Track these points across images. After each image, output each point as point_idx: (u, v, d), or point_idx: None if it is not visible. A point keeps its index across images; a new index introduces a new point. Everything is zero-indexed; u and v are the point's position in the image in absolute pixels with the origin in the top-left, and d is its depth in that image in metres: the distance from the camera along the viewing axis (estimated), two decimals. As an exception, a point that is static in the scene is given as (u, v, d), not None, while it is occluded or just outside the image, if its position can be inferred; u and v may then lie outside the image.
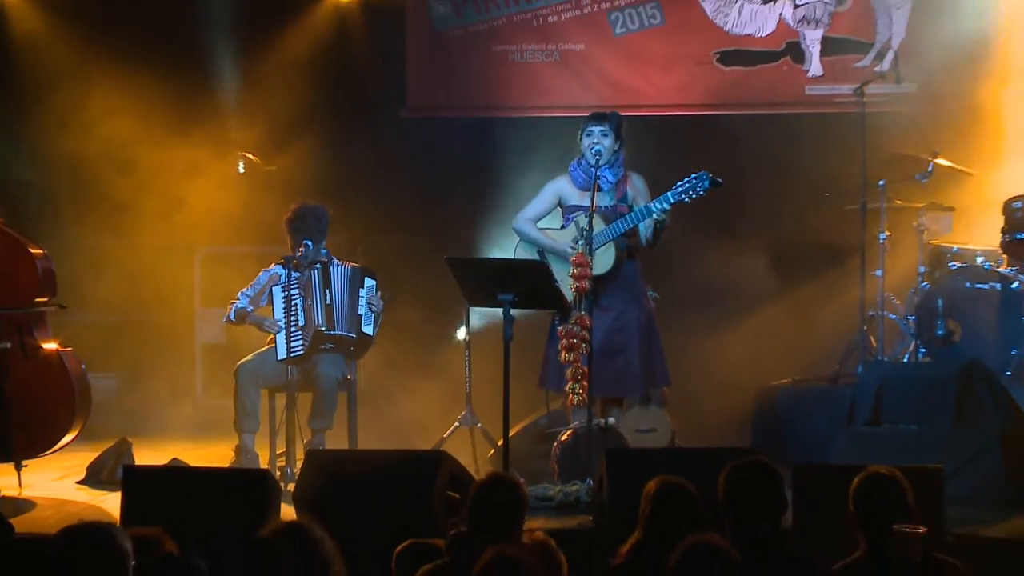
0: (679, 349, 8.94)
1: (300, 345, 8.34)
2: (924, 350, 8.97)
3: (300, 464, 7.62)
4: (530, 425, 8.56)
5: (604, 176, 8.03)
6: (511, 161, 9.80)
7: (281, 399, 8.47)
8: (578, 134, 8.14)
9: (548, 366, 8.22)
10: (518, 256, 8.29)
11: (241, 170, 10.53)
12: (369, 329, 8.52)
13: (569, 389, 8.01)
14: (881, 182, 9.30)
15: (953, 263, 9.15)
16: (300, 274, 8.38)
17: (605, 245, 8.00)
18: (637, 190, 8.16)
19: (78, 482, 8.46)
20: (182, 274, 10.65)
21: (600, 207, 7.98)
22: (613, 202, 8.11)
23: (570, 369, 7.99)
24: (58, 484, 8.38)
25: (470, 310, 8.71)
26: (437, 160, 10.68)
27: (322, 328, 8.38)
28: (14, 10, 10.69)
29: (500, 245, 8.57)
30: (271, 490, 6.97)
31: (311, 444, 8.22)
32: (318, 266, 8.43)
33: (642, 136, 8.83)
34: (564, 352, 7.98)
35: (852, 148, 9.29)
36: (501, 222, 8.50)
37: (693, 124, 10.62)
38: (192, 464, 8.13)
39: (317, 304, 8.40)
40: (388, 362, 9.19)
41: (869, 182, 9.24)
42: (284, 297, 8.37)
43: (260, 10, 10.77)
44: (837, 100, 10.39)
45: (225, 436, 8.61)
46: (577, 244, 7.97)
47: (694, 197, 7.87)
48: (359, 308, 8.49)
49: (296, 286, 8.37)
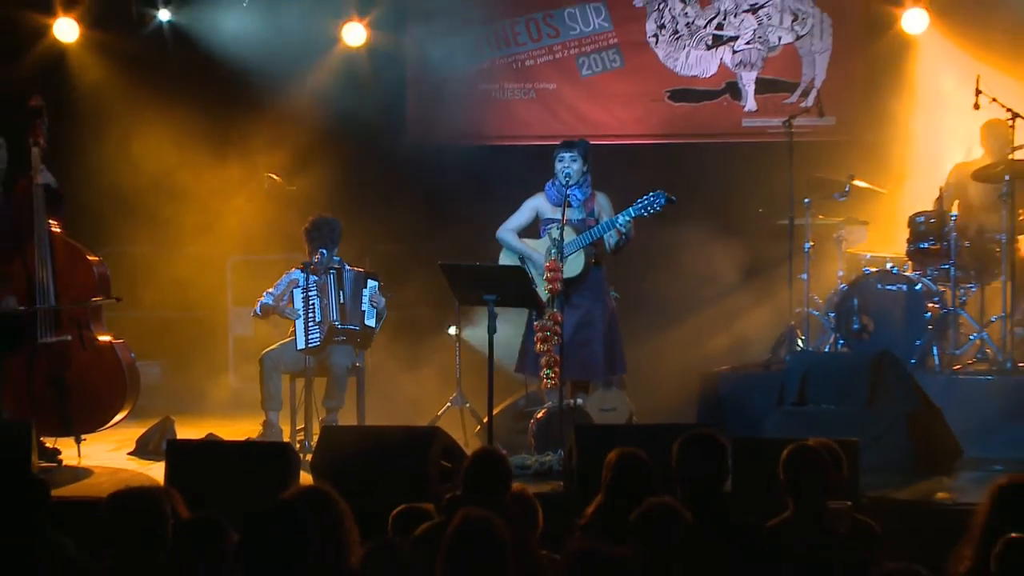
0: (637, 341, 8.95)
1: (316, 337, 8.33)
2: (842, 342, 8.98)
3: (316, 438, 7.65)
4: (510, 405, 8.54)
5: (574, 194, 8.05)
6: (495, 182, 9.79)
7: (300, 383, 8.46)
8: (552, 159, 8.18)
9: (526, 355, 8.24)
10: (502, 261, 8.32)
11: (267, 190, 10.52)
12: (371, 322, 8.51)
13: (543, 375, 8.05)
14: (806, 200, 9.31)
15: (867, 268, 9.17)
16: (317, 277, 8.38)
17: (575, 252, 8.03)
18: (602, 206, 8.20)
19: (129, 453, 8.44)
20: (216, 278, 10.63)
21: (571, 220, 8.03)
22: (582, 216, 8.13)
23: (544, 358, 8.01)
24: (112, 455, 8.37)
25: (459, 308, 8.70)
26: (432, 181, 10.64)
27: (335, 323, 8.37)
28: (75, 58, 10.67)
29: (487, 253, 8.56)
30: (292, 460, 6.98)
31: (325, 421, 8.21)
32: (332, 271, 8.43)
33: (606, 161, 8.83)
34: (539, 343, 8.01)
35: (781, 172, 9.29)
36: (487, 233, 8.49)
37: (648, 151, 10.61)
38: (225, 438, 8.11)
39: (332, 303, 8.40)
40: (391, 352, 9.18)
41: (796, 200, 9.24)
42: (303, 297, 8.36)
43: (282, 55, 10.73)
44: (769, 131, 10.38)
45: (253, 414, 8.58)
46: (551, 252, 8.00)
47: (652, 212, 7.92)
48: (362, 305, 8.49)
49: (313, 287, 8.37)
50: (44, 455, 7.77)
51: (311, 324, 8.34)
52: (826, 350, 9.08)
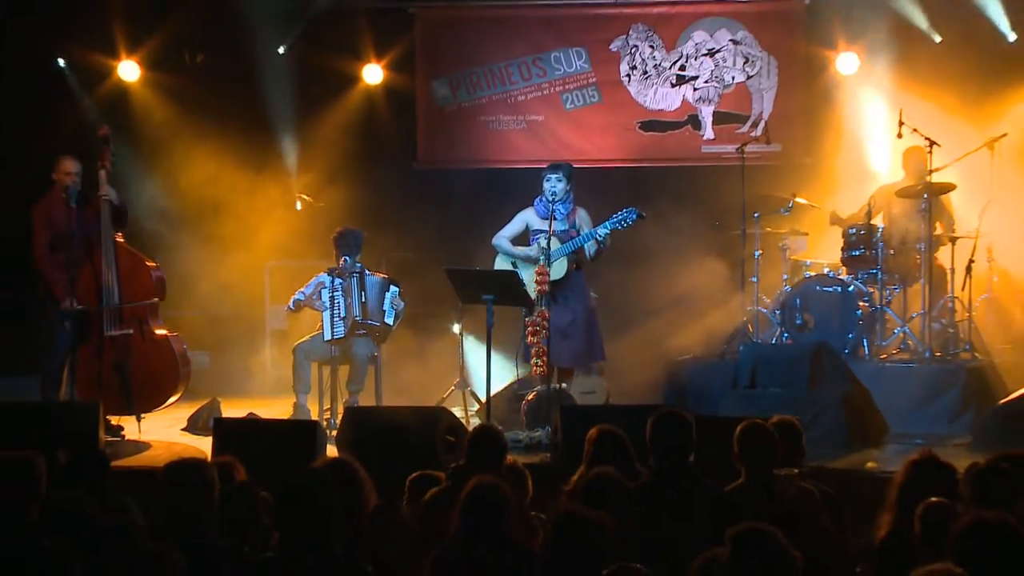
0: (613, 334, 8.92)
1: (340, 330, 8.31)
2: (787, 335, 8.97)
3: (340, 416, 7.64)
4: (505, 388, 8.52)
5: (559, 209, 8.06)
6: (491, 199, 9.77)
7: (326, 370, 8.44)
8: (540, 179, 8.19)
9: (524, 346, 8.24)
10: (497, 264, 8.33)
11: (298, 207, 10.50)
12: (390, 320, 8.49)
13: (533, 363, 8.04)
14: (756, 214, 9.28)
15: (808, 272, 9.16)
16: (342, 280, 8.36)
17: (560, 259, 8.04)
18: (582, 219, 8.21)
19: (182, 429, 8.41)
20: (256, 281, 10.59)
21: (556, 231, 8.03)
22: (565, 227, 8.13)
23: (534, 348, 8.00)
24: (167, 431, 8.33)
25: (462, 306, 8.68)
26: (439, 198, 10.66)
27: (357, 319, 8.35)
28: (137, 95, 10.65)
29: (485, 259, 8.55)
30: (320, 435, 6.98)
31: (348, 402, 8.18)
32: (355, 274, 8.41)
33: (586, 181, 8.81)
34: (530, 336, 8.00)
35: (734, 190, 9.25)
36: (486, 243, 8.49)
37: (622, 173, 10.61)
38: (263, 416, 8.08)
39: (354, 302, 8.37)
40: (404, 343, 9.14)
41: (747, 215, 9.20)
42: (330, 296, 8.34)
43: (312, 91, 10.75)
44: (724, 156, 10.37)
45: (286, 396, 8.55)
46: (540, 259, 8.01)
47: (625, 226, 7.95)
48: (384, 305, 8.46)
49: (339, 288, 8.35)
50: (110, 431, 7.76)
51: (336, 319, 8.32)
52: (773, 342, 9.07)
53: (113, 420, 7.92)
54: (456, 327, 9.05)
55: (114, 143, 8.18)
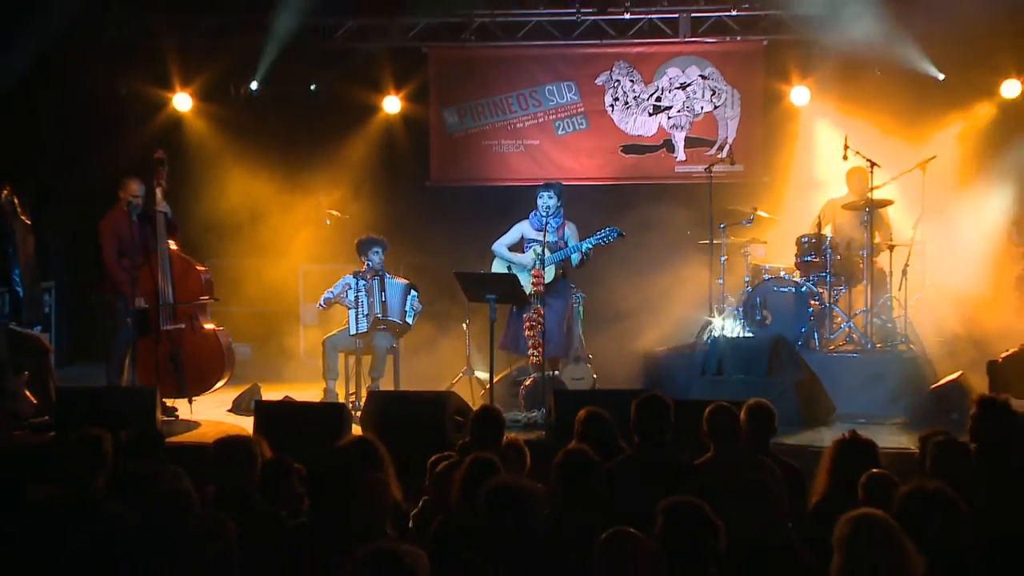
0: (599, 329, 8.94)
1: (364, 325, 8.30)
2: (748, 329, 8.96)
3: (364, 399, 7.65)
4: (506, 376, 8.52)
5: (551, 223, 8.08)
6: (495, 211, 9.74)
7: (352, 359, 8.44)
8: (535, 196, 8.20)
9: (506, 337, 8.26)
10: (494, 268, 8.37)
11: (328, 223, 10.52)
12: (410, 320, 8.47)
13: (530, 353, 8.07)
14: (722, 225, 9.27)
15: (766, 275, 9.14)
16: (365, 282, 8.36)
17: (550, 266, 8.07)
18: (571, 233, 8.25)
19: (227, 411, 8.42)
20: (291, 282, 10.58)
21: (548, 242, 8.05)
22: (555, 239, 8.16)
23: (531, 341, 8.02)
24: (214, 412, 8.33)
25: (469, 304, 8.69)
26: (449, 211, 10.65)
27: (378, 316, 8.35)
28: (189, 123, 10.62)
29: (488, 264, 8.56)
30: (346, 416, 7.00)
31: (371, 387, 8.18)
32: (377, 277, 8.42)
33: (575, 197, 8.83)
34: (527, 330, 8.05)
35: (703, 205, 9.27)
36: (489, 249, 8.51)
37: (607, 190, 10.58)
38: (297, 399, 8.09)
39: (376, 301, 8.37)
40: (418, 336, 9.13)
41: (714, 226, 9.20)
42: (355, 296, 8.34)
43: (339, 118, 10.74)
44: (694, 175, 10.36)
45: (317, 382, 8.54)
46: (535, 263, 8.04)
47: (607, 243, 8.06)
48: (405, 306, 8.45)
49: (362, 289, 8.35)
50: (165, 412, 7.77)
51: (360, 316, 8.32)
52: (736, 335, 9.07)
53: (168, 402, 7.94)
54: (464, 325, 9.04)
55: (168, 164, 8.18)
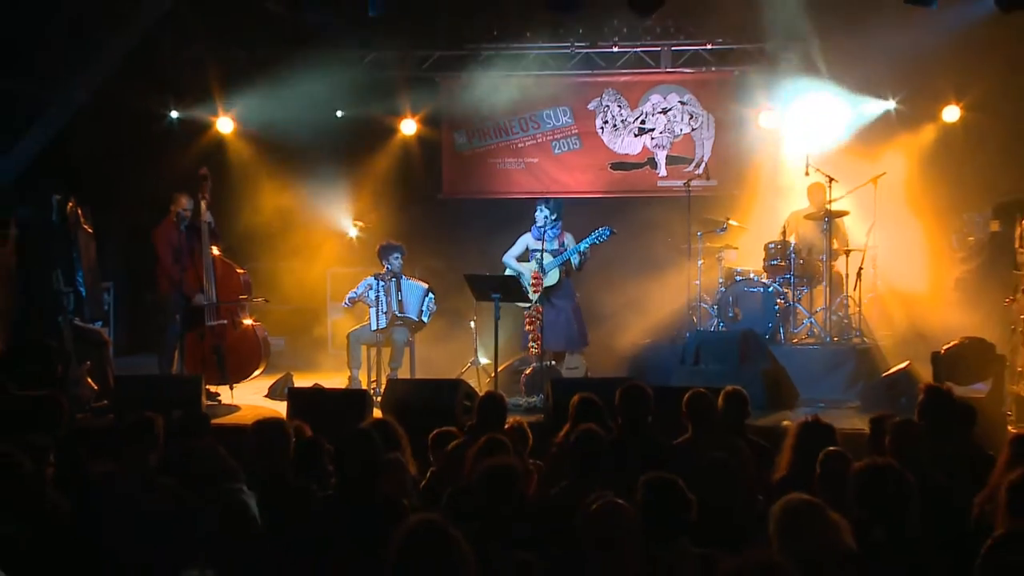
0: (592, 325, 8.90)
1: (384, 321, 8.32)
2: (722, 324, 8.97)
3: (384, 386, 7.65)
4: (509, 365, 8.52)
5: (549, 233, 8.12)
6: (498, 221, 9.74)
7: (373, 351, 8.45)
8: (535, 208, 8.22)
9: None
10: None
11: (352, 234, 10.54)
12: (425, 319, 8.48)
13: (530, 345, 8.09)
14: (699, 233, 9.27)
15: (738, 277, 9.12)
16: (384, 283, 8.37)
17: (553, 270, 8.10)
18: (570, 240, 8.24)
19: (264, 396, 8.42)
20: (320, 283, 10.57)
21: (547, 249, 8.08)
22: (555, 247, 8.17)
23: (531, 335, 8.03)
24: (252, 397, 8.34)
25: (476, 303, 8.69)
26: (459, 221, 10.65)
27: (396, 313, 8.36)
28: (230, 143, 10.59)
29: (494, 267, 8.57)
30: (368, 401, 7.00)
31: (390, 376, 8.17)
32: (394, 279, 8.42)
33: (570, 208, 8.80)
34: (528, 326, 8.09)
35: (682, 215, 9.27)
36: (493, 254, 8.53)
37: (597, 202, 10.52)
38: (325, 386, 8.08)
39: (393, 300, 8.38)
40: (431, 331, 9.12)
41: (691, 233, 9.21)
42: (375, 296, 8.35)
43: (362, 138, 10.72)
44: (674, 190, 10.34)
45: (342, 371, 8.55)
46: (535, 267, 8.07)
47: (601, 241, 8.03)
48: (422, 306, 8.46)
49: (381, 290, 8.36)
50: (209, 397, 7.79)
51: (380, 313, 8.32)
52: (711, 329, 9.08)
53: (212, 389, 7.94)
54: (472, 324, 9.03)
55: (212, 180, 8.19)
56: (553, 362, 8.17)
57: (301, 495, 4.04)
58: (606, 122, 10.76)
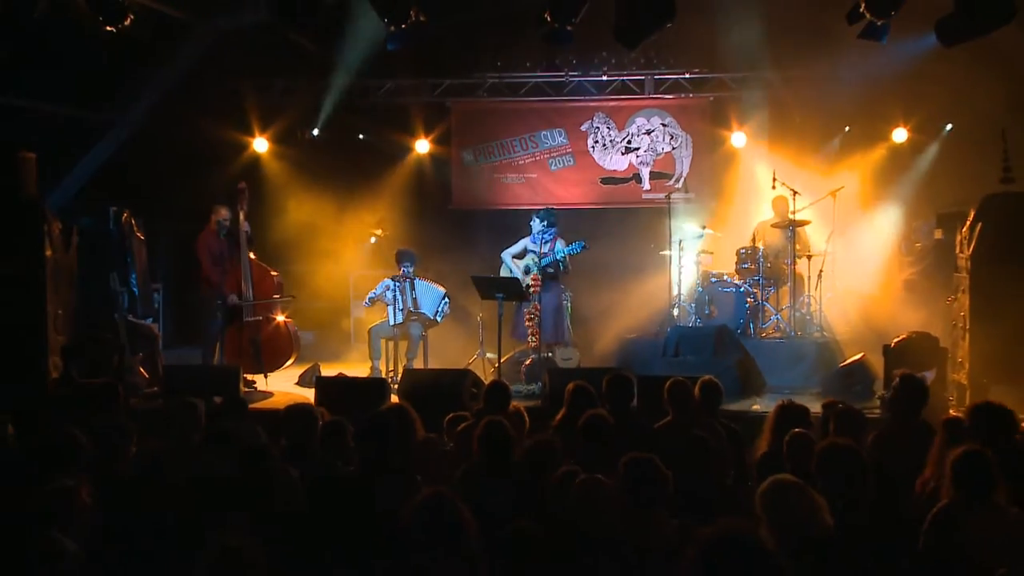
0: (583, 320, 8.92)
1: (400, 317, 8.32)
2: (699, 320, 8.96)
3: (400, 375, 7.63)
4: (511, 357, 8.51)
5: (545, 238, 8.09)
6: (501, 229, 9.74)
7: (391, 344, 8.44)
8: (533, 217, 8.22)
9: (517, 328, 8.23)
10: (502, 272, 8.42)
11: (372, 241, 10.51)
12: (439, 319, 8.51)
13: (529, 339, 8.06)
14: (679, 240, 9.27)
15: (713, 279, 9.13)
16: (399, 284, 8.36)
17: (535, 270, 8.12)
18: (560, 245, 8.21)
19: (294, 384, 8.40)
20: (343, 284, 10.57)
21: (538, 251, 8.03)
22: (546, 251, 8.14)
23: (530, 329, 8.01)
24: (284, 384, 8.32)
25: (482, 301, 8.68)
26: (467, 229, 10.62)
27: (411, 310, 8.35)
28: (265, 161, 10.57)
29: (496, 269, 8.55)
30: (387, 389, 6.97)
31: (406, 366, 8.19)
32: (409, 281, 8.41)
33: (565, 219, 8.82)
34: (527, 322, 8.05)
35: (664, 224, 9.27)
36: (496, 258, 8.51)
37: (589, 213, 10.50)
38: (349, 375, 8.06)
39: (408, 299, 8.38)
40: (443, 326, 9.09)
41: (672, 240, 9.21)
42: (392, 296, 8.34)
43: (381, 158, 10.70)
44: (657, 202, 10.26)
45: (364, 362, 8.56)
46: (532, 270, 8.04)
47: (576, 252, 8.09)
48: (438, 307, 8.46)
49: (398, 290, 8.35)
50: (246, 384, 7.79)
51: (397, 311, 8.33)
52: (690, 325, 9.06)
53: (248, 377, 7.95)
54: (479, 319, 9.02)
55: (249, 193, 8.20)
56: (550, 354, 8.15)
57: (327, 470, 4.02)
58: (596, 142, 10.75)
